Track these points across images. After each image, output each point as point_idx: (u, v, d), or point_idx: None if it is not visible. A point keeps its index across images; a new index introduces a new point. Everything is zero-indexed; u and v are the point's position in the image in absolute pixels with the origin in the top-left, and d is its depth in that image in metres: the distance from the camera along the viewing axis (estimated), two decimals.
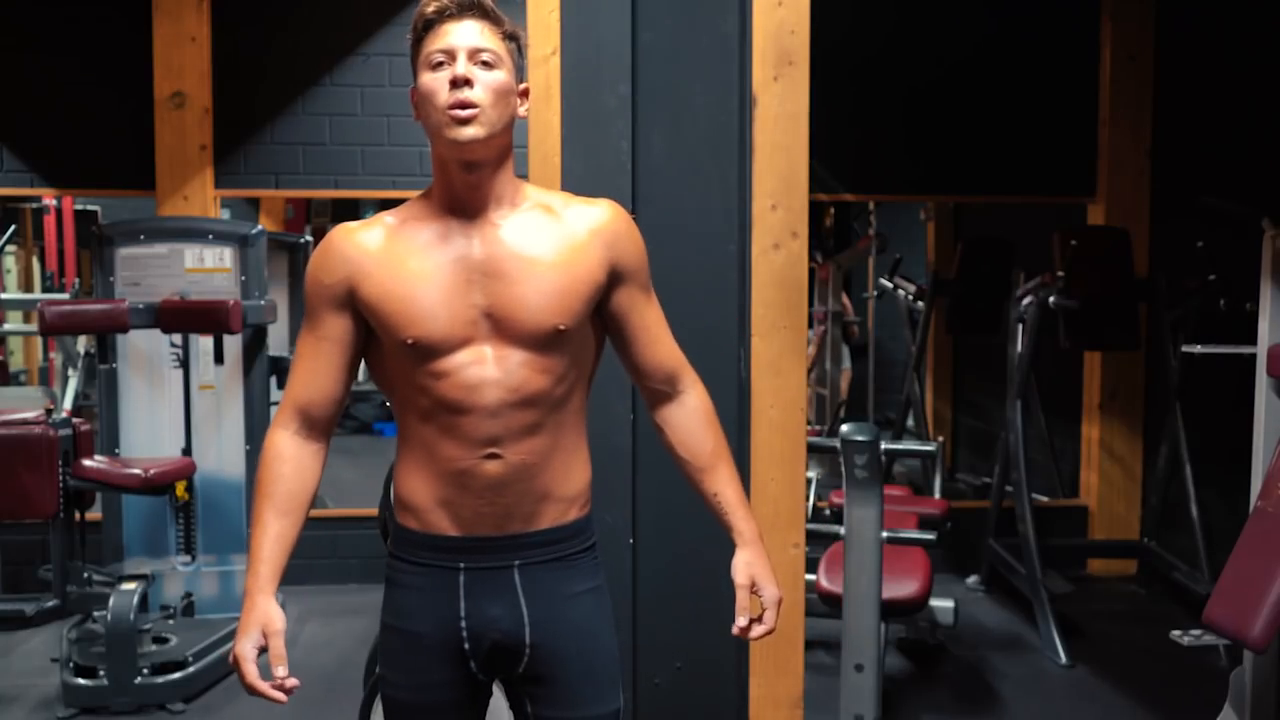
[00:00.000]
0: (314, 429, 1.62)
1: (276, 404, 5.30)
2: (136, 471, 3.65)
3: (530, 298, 1.53)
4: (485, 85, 1.51)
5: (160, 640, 3.73)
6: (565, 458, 1.61)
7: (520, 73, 1.59)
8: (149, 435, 4.20)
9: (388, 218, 1.60)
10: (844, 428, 2.97)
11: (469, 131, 1.50)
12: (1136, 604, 4.74)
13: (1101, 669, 3.93)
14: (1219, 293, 4.10)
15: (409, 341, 1.53)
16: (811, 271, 6.90)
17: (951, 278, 5.70)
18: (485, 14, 1.55)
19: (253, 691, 1.51)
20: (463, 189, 1.55)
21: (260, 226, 4.28)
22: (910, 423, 6.43)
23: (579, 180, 2.33)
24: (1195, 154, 4.75)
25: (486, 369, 1.53)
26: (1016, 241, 5.52)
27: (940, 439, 5.87)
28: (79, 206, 7.32)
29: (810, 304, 5.22)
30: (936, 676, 3.90)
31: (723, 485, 1.69)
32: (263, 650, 1.54)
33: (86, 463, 3.65)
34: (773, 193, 2.53)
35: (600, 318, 1.66)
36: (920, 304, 6.02)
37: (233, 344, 4.14)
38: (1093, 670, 3.92)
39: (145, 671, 3.52)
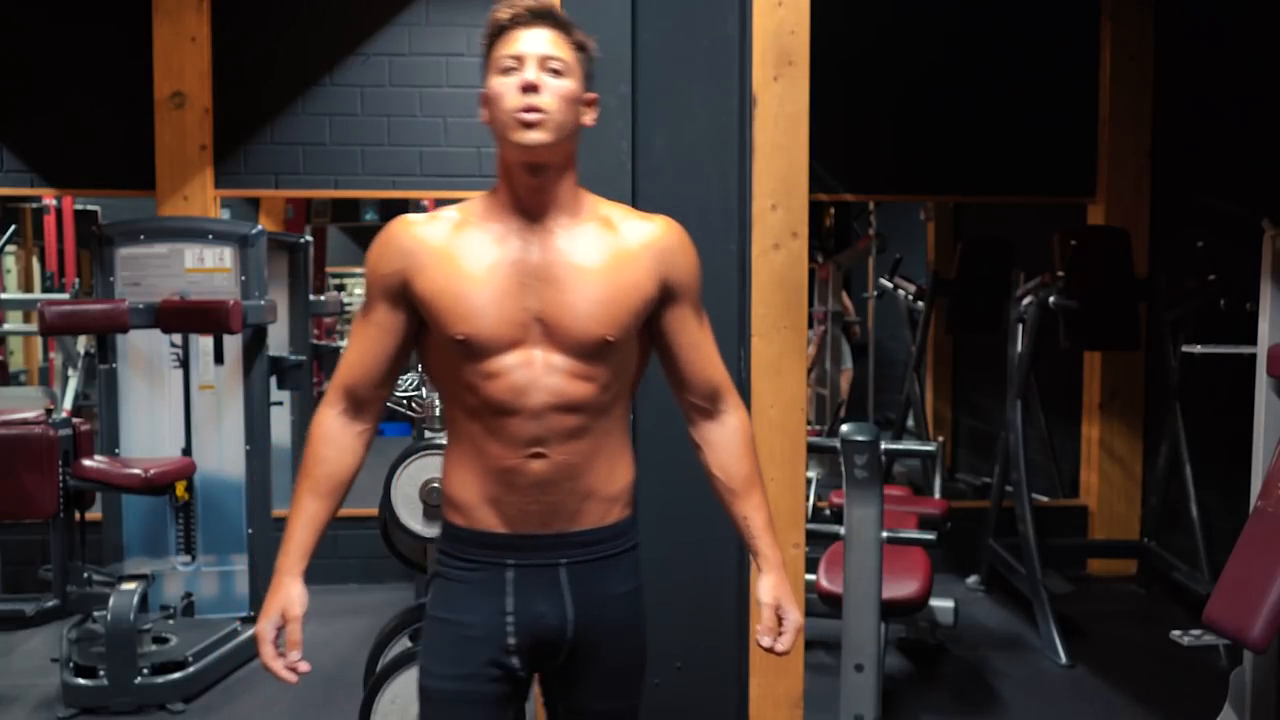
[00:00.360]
0: (360, 410, 1.66)
1: (277, 404, 5.30)
2: (136, 471, 3.65)
3: (580, 306, 1.56)
4: (553, 92, 1.54)
5: (160, 640, 3.73)
6: (609, 458, 1.64)
7: (588, 82, 1.62)
8: (149, 435, 4.20)
9: (450, 213, 1.63)
10: (844, 428, 2.97)
11: (535, 135, 1.53)
12: (1136, 604, 4.74)
13: (1101, 669, 3.93)
14: (1219, 293, 4.10)
15: (458, 338, 1.55)
16: (811, 271, 6.90)
17: (951, 278, 5.70)
18: (557, 23, 1.58)
19: (267, 669, 1.59)
20: (526, 192, 1.58)
21: (260, 226, 4.28)
22: (910, 423, 6.43)
23: (579, 180, 2.32)
24: (1195, 154, 4.75)
25: (534, 372, 1.56)
26: (1016, 241, 5.52)
27: (940, 439, 5.86)
28: (79, 206, 7.31)
29: (810, 304, 5.22)
30: (936, 676, 3.90)
31: (753, 511, 1.72)
32: (282, 629, 1.60)
33: (86, 463, 3.65)
34: (773, 193, 2.52)
35: (648, 331, 1.68)
36: (920, 304, 6.02)
37: (233, 344, 4.14)
38: (1093, 670, 3.92)
39: (145, 671, 3.52)
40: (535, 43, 1.55)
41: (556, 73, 1.55)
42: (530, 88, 1.53)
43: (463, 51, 4.85)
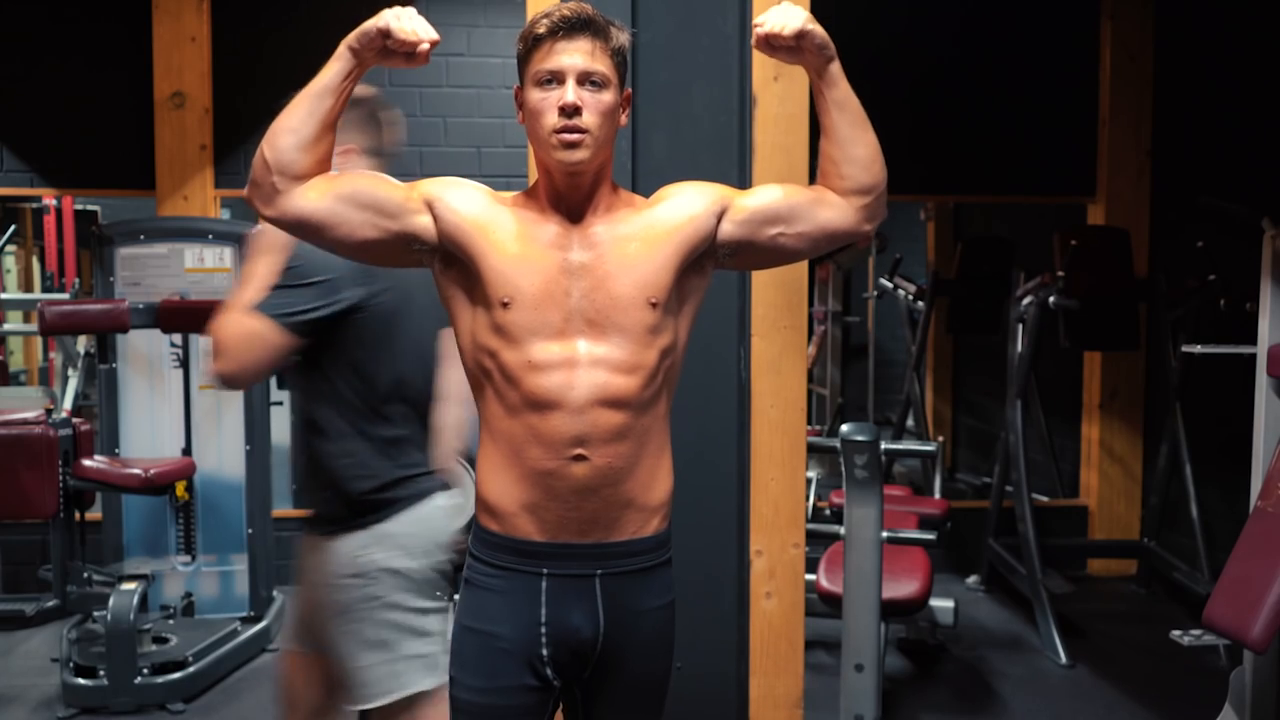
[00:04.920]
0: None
1: (277, 404, 5.29)
2: (136, 471, 3.66)
3: (619, 275, 1.56)
4: (593, 110, 1.54)
5: (160, 640, 3.73)
6: (650, 466, 1.62)
7: (625, 81, 1.61)
8: (149, 435, 4.20)
9: (501, 195, 1.65)
10: (844, 428, 2.97)
11: (577, 155, 1.54)
12: (1136, 604, 4.74)
13: (1101, 669, 3.93)
14: (1219, 293, 4.10)
15: (504, 301, 1.54)
16: (811, 271, 6.89)
17: (951, 278, 5.70)
18: (597, 31, 1.55)
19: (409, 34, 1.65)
20: (566, 188, 1.59)
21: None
22: (910, 423, 6.43)
23: None
24: (1195, 154, 4.75)
25: (577, 365, 1.55)
26: (1016, 241, 5.52)
27: (940, 439, 5.86)
28: (79, 206, 7.30)
29: (810, 304, 5.22)
30: (936, 676, 3.90)
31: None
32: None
33: (86, 463, 3.65)
34: None
35: (741, 255, 1.67)
36: (920, 304, 6.02)
37: None
38: (1093, 670, 3.92)
39: (145, 671, 3.51)
40: (574, 58, 1.53)
41: (596, 85, 1.54)
42: (572, 110, 1.52)
43: (463, 51, 4.85)
